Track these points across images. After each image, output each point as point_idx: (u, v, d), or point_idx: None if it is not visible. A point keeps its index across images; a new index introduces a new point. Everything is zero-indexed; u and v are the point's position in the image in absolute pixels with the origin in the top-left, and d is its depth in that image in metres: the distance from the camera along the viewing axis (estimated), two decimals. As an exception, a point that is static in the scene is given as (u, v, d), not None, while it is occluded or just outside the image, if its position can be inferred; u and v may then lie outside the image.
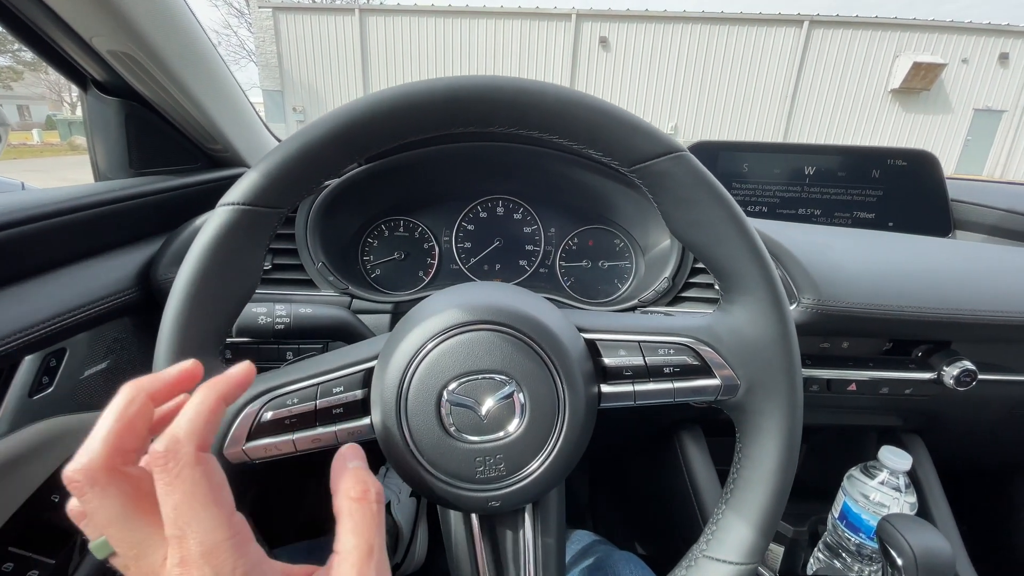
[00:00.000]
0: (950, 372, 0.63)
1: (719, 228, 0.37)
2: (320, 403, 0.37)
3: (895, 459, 0.67)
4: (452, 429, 0.35)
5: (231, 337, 0.53)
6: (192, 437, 0.22)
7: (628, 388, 0.39)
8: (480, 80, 0.35)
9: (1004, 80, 12.29)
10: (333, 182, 0.65)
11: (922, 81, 12.00)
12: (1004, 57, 12.10)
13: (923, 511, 0.70)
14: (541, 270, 0.79)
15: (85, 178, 0.74)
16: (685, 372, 0.39)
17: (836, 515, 0.73)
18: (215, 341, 0.37)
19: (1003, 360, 0.66)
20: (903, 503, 0.67)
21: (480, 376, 0.35)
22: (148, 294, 0.60)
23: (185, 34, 0.61)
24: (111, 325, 0.57)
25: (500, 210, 0.79)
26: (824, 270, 0.59)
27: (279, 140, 0.91)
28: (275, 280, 0.67)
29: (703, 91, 12.86)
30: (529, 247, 0.79)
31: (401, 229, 0.77)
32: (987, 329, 0.61)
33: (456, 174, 0.76)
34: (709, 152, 0.78)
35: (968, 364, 0.62)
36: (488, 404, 0.35)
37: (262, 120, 0.84)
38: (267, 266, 0.66)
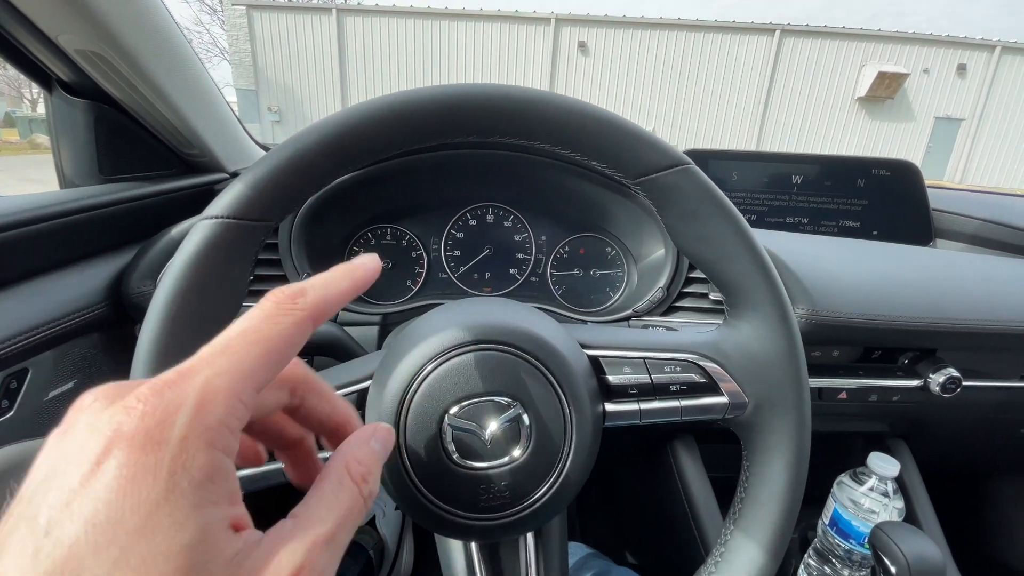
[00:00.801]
0: (936, 379, 0.64)
1: (726, 243, 0.36)
2: None
3: (884, 465, 0.68)
4: (455, 456, 0.33)
5: None
6: (317, 301, 0.21)
7: (634, 407, 0.38)
8: (485, 89, 0.34)
9: (962, 90, 12.86)
10: (319, 189, 0.62)
11: (887, 90, 12.47)
12: (962, 68, 12.66)
13: (910, 516, 0.71)
14: (532, 278, 0.78)
15: (49, 178, 0.70)
16: (692, 390, 0.38)
17: (827, 521, 0.73)
18: None
19: (984, 366, 0.68)
20: (891, 509, 0.68)
21: (483, 399, 0.33)
22: (119, 308, 0.57)
23: (159, 33, 0.58)
24: (78, 342, 0.53)
25: (490, 218, 0.78)
26: (818, 280, 0.59)
27: (259, 144, 0.87)
28: (257, 292, 0.64)
29: (680, 96, 13.10)
30: (520, 255, 0.78)
31: (388, 237, 0.75)
32: (971, 337, 0.62)
33: (445, 181, 0.74)
34: (699, 160, 0.78)
35: (953, 371, 0.63)
36: (492, 428, 0.33)
37: (241, 124, 0.81)
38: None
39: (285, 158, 0.32)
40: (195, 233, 0.32)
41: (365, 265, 0.24)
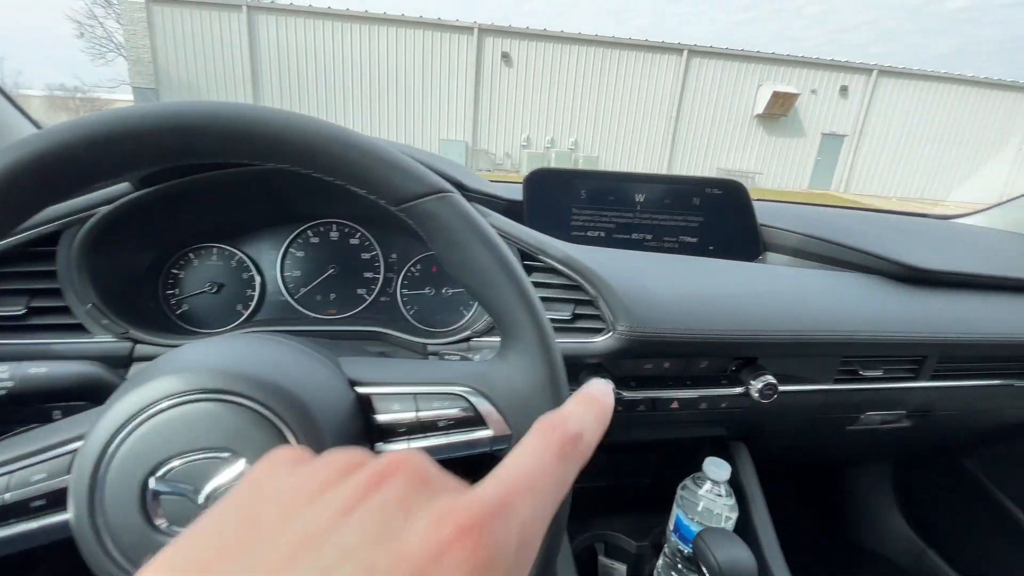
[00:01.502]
0: (755, 386, 0.68)
1: (488, 272, 0.35)
2: (12, 496, 0.30)
3: (716, 470, 0.71)
4: (162, 524, 0.29)
5: None
6: (590, 446, 0.20)
7: (403, 446, 0.36)
8: (210, 108, 0.31)
9: (845, 108, 14.45)
10: (103, 208, 0.55)
11: (780, 108, 13.74)
12: (844, 89, 14.24)
13: (744, 516, 0.75)
14: (382, 299, 0.75)
15: None
16: (459, 424, 0.37)
17: (671, 527, 0.76)
18: None
19: (803, 371, 0.73)
20: (723, 506, 0.72)
21: (200, 456, 0.30)
22: None
23: None
24: None
25: (334, 235, 0.73)
26: (638, 298, 0.60)
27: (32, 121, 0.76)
28: (33, 327, 0.55)
29: (600, 109, 13.66)
30: (368, 274, 0.74)
31: (214, 257, 0.69)
32: (784, 347, 0.67)
33: (281, 196, 0.69)
34: (548, 179, 0.79)
35: (770, 378, 0.68)
36: (209, 490, 0.30)
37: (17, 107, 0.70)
38: (21, 310, 0.55)
39: None
40: None
41: (610, 397, 0.23)
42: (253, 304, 0.69)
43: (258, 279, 0.70)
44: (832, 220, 0.90)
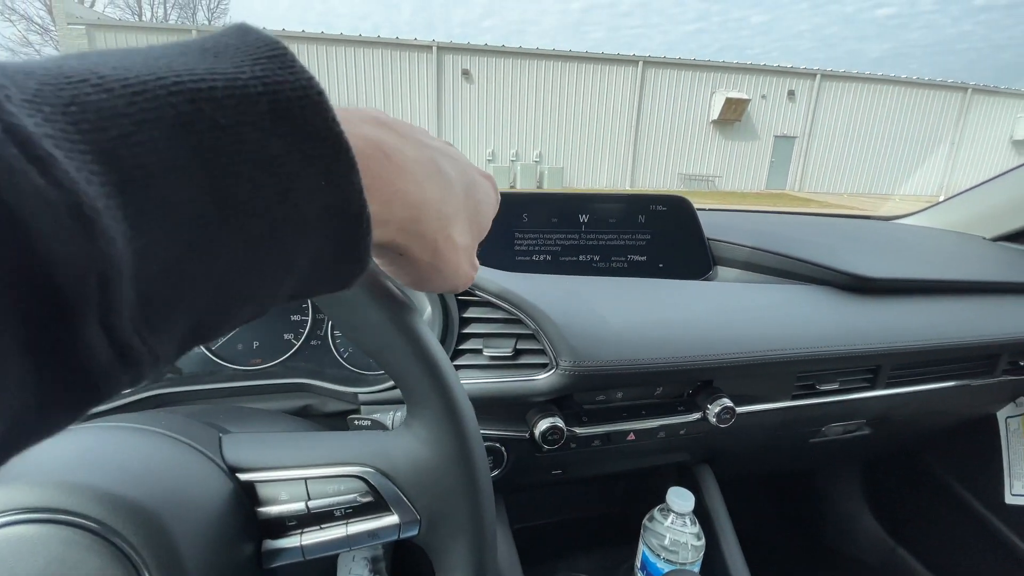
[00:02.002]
0: (713, 411, 0.65)
1: (382, 331, 0.31)
2: None
3: (679, 502, 0.68)
4: None
5: None
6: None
7: (295, 542, 0.31)
8: None
9: (793, 111, 15.08)
10: None
11: (734, 113, 14.24)
12: (791, 94, 14.88)
13: (712, 543, 0.71)
14: (312, 342, 0.69)
15: None
16: (358, 512, 0.32)
17: (638, 565, 0.72)
18: None
19: (759, 391, 0.70)
20: (689, 535, 0.68)
21: None
22: None
23: None
24: None
25: (256, 277, 0.67)
26: (582, 332, 0.57)
27: None
28: None
29: (562, 122, 13.86)
30: (295, 317, 0.68)
31: None
32: (739, 369, 0.64)
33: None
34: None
35: (727, 402, 0.64)
36: None
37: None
38: None
39: None
40: None
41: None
42: (163, 360, 0.62)
43: (168, 331, 0.63)
44: (781, 230, 0.89)
